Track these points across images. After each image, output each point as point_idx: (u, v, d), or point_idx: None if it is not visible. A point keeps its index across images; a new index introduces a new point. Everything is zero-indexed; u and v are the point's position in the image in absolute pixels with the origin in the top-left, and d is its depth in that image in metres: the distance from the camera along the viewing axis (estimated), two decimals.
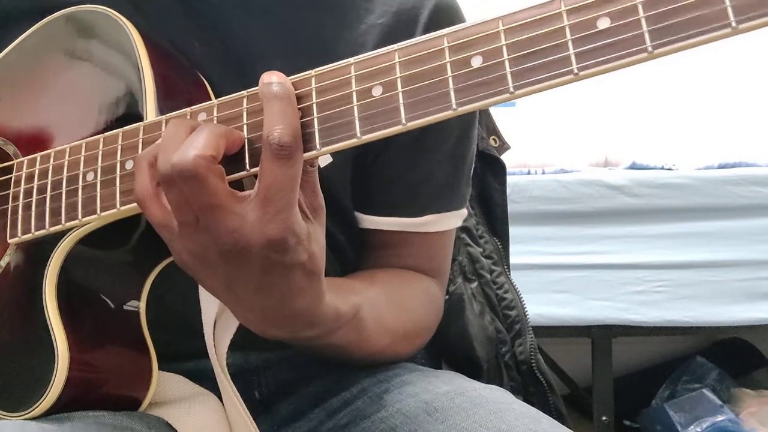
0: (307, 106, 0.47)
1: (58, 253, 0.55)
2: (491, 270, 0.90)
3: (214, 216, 0.46)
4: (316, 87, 0.47)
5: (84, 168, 0.55)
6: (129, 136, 0.54)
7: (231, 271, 0.48)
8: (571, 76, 0.40)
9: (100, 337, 0.57)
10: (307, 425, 0.66)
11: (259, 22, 0.65)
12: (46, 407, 0.54)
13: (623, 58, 0.39)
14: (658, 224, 1.72)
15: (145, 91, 0.55)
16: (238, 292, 0.50)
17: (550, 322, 1.71)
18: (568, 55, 0.40)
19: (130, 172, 0.53)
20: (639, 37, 0.39)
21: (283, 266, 0.48)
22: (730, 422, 1.78)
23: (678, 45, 0.38)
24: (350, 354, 0.63)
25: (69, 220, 0.55)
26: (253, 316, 0.52)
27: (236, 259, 0.47)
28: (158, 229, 0.49)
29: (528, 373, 0.88)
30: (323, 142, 0.47)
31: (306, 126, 0.47)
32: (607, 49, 0.39)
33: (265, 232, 0.46)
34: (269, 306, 0.51)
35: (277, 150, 0.45)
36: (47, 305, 0.55)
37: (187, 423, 0.59)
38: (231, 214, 0.46)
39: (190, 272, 0.51)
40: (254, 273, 0.48)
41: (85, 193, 0.55)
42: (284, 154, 0.45)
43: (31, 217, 0.57)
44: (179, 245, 0.49)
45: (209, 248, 0.47)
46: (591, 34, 0.40)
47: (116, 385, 0.58)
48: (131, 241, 0.58)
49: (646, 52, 0.39)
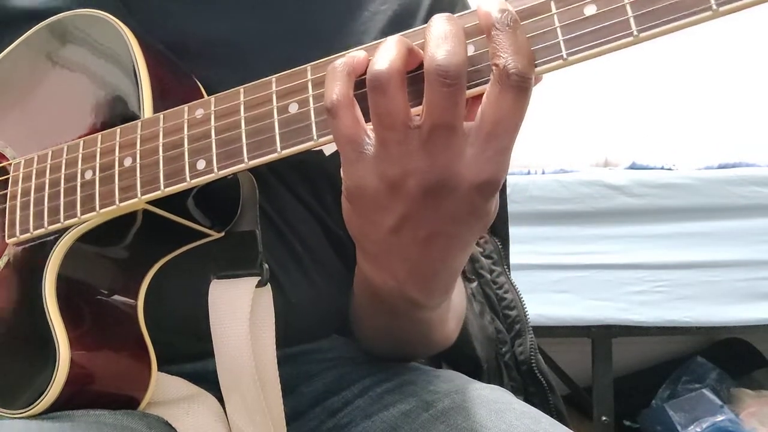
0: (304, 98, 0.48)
1: (57, 251, 0.55)
2: (491, 270, 0.90)
3: (446, 138, 0.41)
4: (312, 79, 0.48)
5: (82, 166, 0.55)
6: (126, 133, 0.54)
7: (417, 208, 0.44)
8: (561, 62, 0.42)
9: (100, 335, 0.57)
10: (308, 424, 0.66)
11: (258, 12, 0.65)
12: (47, 405, 0.54)
13: (609, 43, 0.41)
14: (658, 224, 1.72)
15: (142, 90, 0.55)
16: (406, 236, 0.45)
17: (550, 322, 1.71)
18: (557, 42, 0.42)
19: (128, 168, 0.53)
20: (624, 22, 0.40)
21: (479, 214, 0.44)
22: (730, 422, 1.78)
23: (662, 29, 0.40)
24: (431, 336, 0.61)
25: (68, 218, 0.55)
26: (403, 270, 0.48)
27: (437, 197, 0.43)
28: (344, 143, 0.44)
29: (528, 373, 0.88)
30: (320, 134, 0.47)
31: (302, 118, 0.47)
32: (593, 35, 0.41)
33: (481, 172, 0.42)
34: (431, 258, 0.47)
35: (517, 81, 0.41)
36: (47, 303, 0.54)
37: (186, 423, 0.59)
38: (457, 142, 0.42)
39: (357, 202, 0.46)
40: (445, 216, 0.44)
41: (83, 191, 0.55)
42: (525, 86, 0.41)
43: (30, 216, 0.57)
44: (369, 167, 0.43)
45: (412, 177, 0.43)
46: (578, 21, 0.42)
47: (115, 383, 0.58)
48: (129, 239, 0.58)
49: (632, 36, 0.40)
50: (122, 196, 0.53)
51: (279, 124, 0.48)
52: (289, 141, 0.48)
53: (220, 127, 0.51)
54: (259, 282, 0.59)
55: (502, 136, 0.42)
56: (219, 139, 0.51)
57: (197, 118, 0.52)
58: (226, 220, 0.60)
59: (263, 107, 0.49)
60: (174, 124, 0.53)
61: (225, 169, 0.50)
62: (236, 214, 0.60)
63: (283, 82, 0.49)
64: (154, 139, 0.53)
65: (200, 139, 0.51)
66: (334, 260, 0.69)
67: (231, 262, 0.59)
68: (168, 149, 0.52)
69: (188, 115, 0.52)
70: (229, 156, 0.50)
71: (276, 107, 0.49)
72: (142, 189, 0.52)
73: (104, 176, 0.54)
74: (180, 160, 0.52)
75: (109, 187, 0.53)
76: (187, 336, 0.61)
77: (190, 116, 0.52)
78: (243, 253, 0.59)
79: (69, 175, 0.56)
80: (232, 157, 0.50)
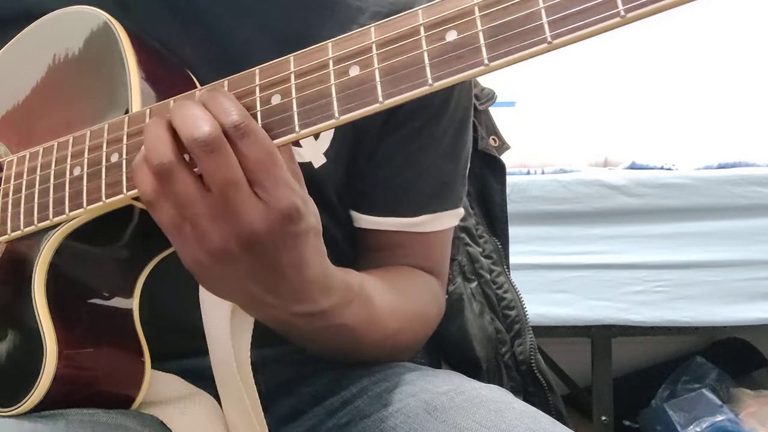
0: (286, 88, 0.48)
1: (47, 249, 0.55)
2: (491, 270, 0.90)
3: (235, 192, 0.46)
4: (295, 71, 0.48)
5: (71, 162, 0.55)
6: (114, 129, 0.53)
7: (251, 261, 0.48)
8: (545, 45, 0.41)
9: (91, 334, 0.57)
10: (307, 424, 0.65)
11: (248, 21, 0.65)
12: (35, 402, 0.54)
13: (595, 24, 0.39)
14: (657, 224, 1.72)
15: (131, 85, 0.55)
16: (257, 284, 0.50)
17: (550, 322, 1.70)
18: (541, 24, 0.41)
19: (114, 164, 0.52)
20: (611, 2, 0.39)
21: (298, 235, 0.48)
22: (730, 422, 1.78)
23: (649, 8, 0.38)
24: (361, 339, 0.62)
25: (56, 215, 0.55)
26: (275, 305, 0.52)
27: (258, 246, 0.47)
28: (170, 231, 0.48)
29: (528, 373, 0.88)
30: (302, 124, 0.47)
31: (285, 109, 0.48)
32: (579, 16, 0.40)
33: (277, 203, 0.46)
34: (287, 286, 0.50)
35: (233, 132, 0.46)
36: (36, 300, 0.54)
37: (181, 422, 0.59)
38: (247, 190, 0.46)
39: (204, 278, 0.50)
40: (273, 255, 0.48)
41: (71, 187, 0.54)
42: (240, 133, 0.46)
43: (20, 213, 0.57)
44: (195, 246, 0.48)
45: (231, 239, 0.47)
46: (563, 1, 0.40)
47: (108, 382, 0.58)
48: (123, 237, 0.57)
49: (619, 17, 0.39)
50: (108, 192, 0.52)
51: (261, 116, 0.48)
52: (271, 131, 0.48)
53: None
54: None
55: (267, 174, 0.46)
56: None
57: None
58: None
59: (247, 98, 0.49)
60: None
61: None
62: None
63: (267, 74, 0.49)
64: (141, 134, 0.52)
65: None
66: (329, 257, 0.69)
67: None
68: None
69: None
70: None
71: (259, 99, 0.49)
72: (128, 184, 0.52)
73: (92, 172, 0.54)
74: None
75: (96, 183, 0.53)
76: (181, 333, 0.61)
77: None
78: None
79: (58, 172, 0.56)
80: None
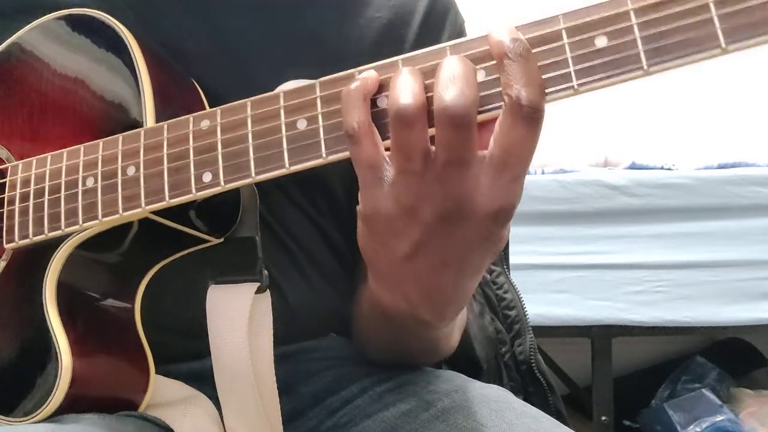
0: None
1: (58, 258, 0.55)
2: (491, 270, 0.90)
3: (459, 172, 0.42)
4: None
5: (83, 173, 0.55)
6: (129, 141, 0.53)
7: (432, 235, 0.44)
8: (571, 91, 0.43)
9: (99, 341, 0.57)
10: (307, 424, 0.65)
11: (255, 18, 0.65)
12: (51, 411, 0.53)
13: (620, 75, 0.41)
14: (657, 224, 1.72)
15: (144, 97, 0.55)
16: (420, 261, 0.46)
17: (550, 322, 1.71)
18: (569, 72, 0.42)
19: (131, 178, 0.53)
20: (635, 56, 0.41)
21: (492, 240, 0.45)
22: (730, 422, 1.78)
23: (672, 64, 0.40)
24: (436, 350, 0.62)
25: (69, 225, 0.55)
26: (415, 293, 0.48)
27: (451, 224, 0.44)
28: (364, 168, 0.44)
29: (528, 373, 0.88)
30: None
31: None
32: (605, 67, 0.42)
33: (495, 200, 0.43)
34: (444, 284, 0.48)
35: (529, 113, 0.41)
36: (48, 310, 0.54)
37: (183, 424, 0.59)
38: (470, 174, 0.42)
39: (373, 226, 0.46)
40: (458, 243, 0.45)
41: (85, 199, 0.54)
42: (537, 116, 0.42)
43: (29, 222, 0.57)
44: (386, 192, 0.44)
45: (427, 204, 0.43)
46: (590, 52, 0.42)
47: (115, 387, 0.58)
48: (128, 245, 0.57)
49: (642, 70, 0.41)
50: (126, 206, 0.52)
51: (287, 141, 0.48)
52: (297, 157, 0.48)
53: (227, 141, 0.51)
54: (259, 288, 0.59)
55: (514, 165, 0.42)
56: (226, 153, 0.50)
57: (203, 130, 0.52)
58: (225, 227, 0.60)
59: (271, 122, 0.49)
60: (178, 134, 0.52)
61: (232, 182, 0.50)
62: (236, 220, 0.60)
63: (291, 98, 0.49)
64: (158, 149, 0.52)
65: (206, 151, 0.51)
66: (332, 262, 0.69)
67: (230, 268, 0.59)
68: (172, 160, 0.52)
69: (193, 126, 0.52)
70: (236, 170, 0.50)
71: (284, 123, 0.48)
72: (147, 199, 0.52)
73: (106, 185, 0.54)
74: (185, 171, 0.51)
75: (111, 196, 0.53)
76: (184, 336, 0.61)
77: (196, 127, 0.52)
78: (242, 259, 0.59)
79: (70, 182, 0.55)
80: (239, 171, 0.50)
